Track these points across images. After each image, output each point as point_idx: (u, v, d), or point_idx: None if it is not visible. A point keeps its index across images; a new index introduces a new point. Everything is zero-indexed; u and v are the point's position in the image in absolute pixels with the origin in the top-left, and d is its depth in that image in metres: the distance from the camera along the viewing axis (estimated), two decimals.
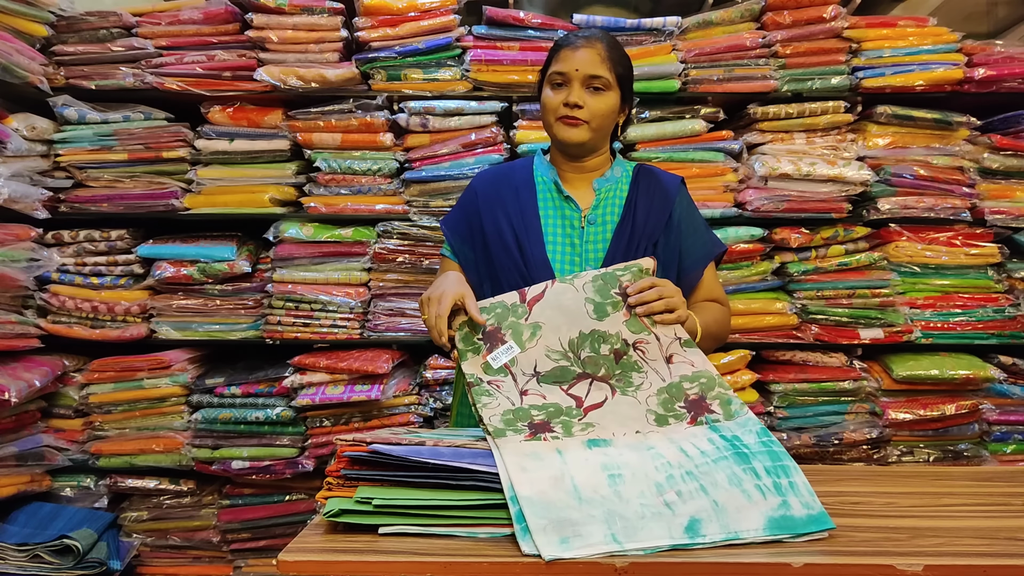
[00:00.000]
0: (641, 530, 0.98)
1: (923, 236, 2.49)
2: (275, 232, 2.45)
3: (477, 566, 0.92)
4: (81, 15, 2.41)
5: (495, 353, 1.28)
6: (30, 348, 2.35)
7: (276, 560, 0.93)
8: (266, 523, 2.50)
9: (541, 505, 1.01)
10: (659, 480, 1.07)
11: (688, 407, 1.22)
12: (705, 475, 1.07)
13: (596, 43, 1.47)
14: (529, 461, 1.10)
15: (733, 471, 1.07)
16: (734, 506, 1.01)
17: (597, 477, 1.07)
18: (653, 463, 1.10)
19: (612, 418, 1.23)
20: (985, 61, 2.48)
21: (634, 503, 1.03)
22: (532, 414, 1.22)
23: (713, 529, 0.98)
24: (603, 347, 1.28)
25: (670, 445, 1.14)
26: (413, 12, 2.45)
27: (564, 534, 0.97)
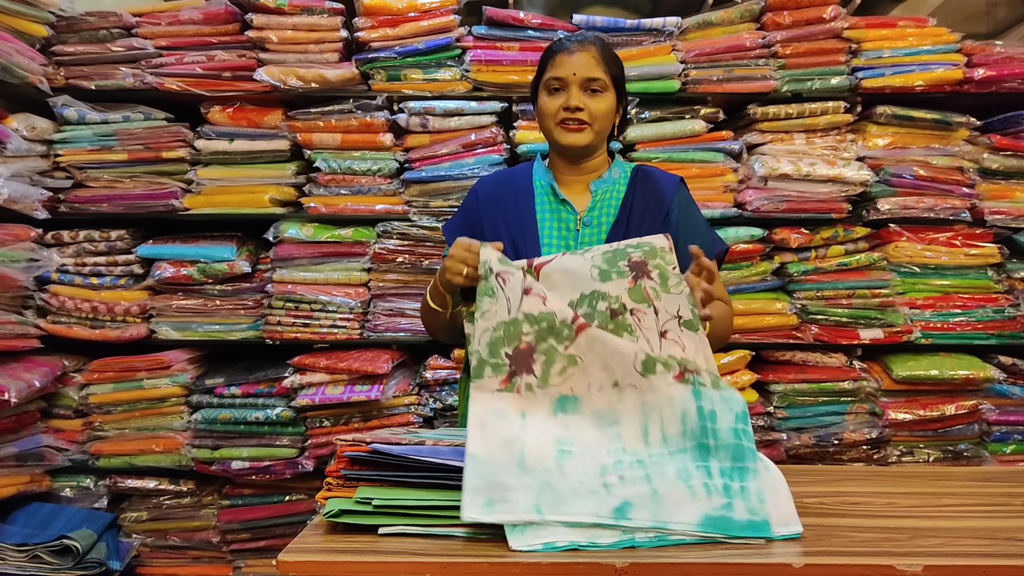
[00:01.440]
0: (569, 504, 1.00)
1: (923, 236, 2.49)
2: (275, 232, 2.45)
3: (477, 566, 0.92)
4: (81, 15, 2.41)
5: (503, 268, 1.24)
6: (30, 348, 2.35)
7: (276, 560, 0.93)
8: (266, 523, 2.50)
9: (484, 465, 1.04)
10: (606, 463, 1.08)
11: (679, 361, 1.18)
12: (655, 466, 1.07)
13: (589, 46, 1.48)
14: (491, 418, 1.12)
15: (686, 466, 1.06)
16: (673, 499, 1.01)
17: (547, 449, 1.09)
18: (608, 446, 1.10)
19: (599, 352, 1.17)
20: (985, 61, 2.48)
21: (573, 479, 1.05)
22: (522, 331, 1.18)
23: (642, 515, 0.99)
24: (601, 304, 1.23)
25: (636, 420, 1.13)
26: (413, 12, 2.46)
27: (493, 497, 1.00)
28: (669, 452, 1.08)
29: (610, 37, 2.47)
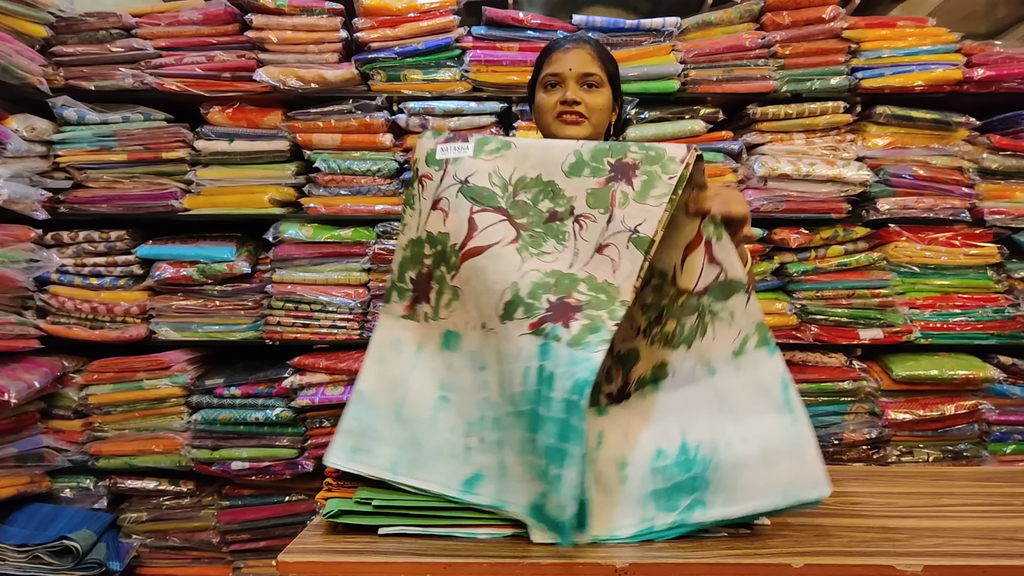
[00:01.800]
0: (426, 467, 1.02)
1: (922, 236, 2.50)
2: (275, 233, 2.45)
3: (477, 566, 0.92)
4: (80, 16, 2.41)
5: (448, 144, 1.16)
6: (29, 349, 2.35)
7: (276, 561, 0.93)
8: (266, 524, 2.50)
9: (366, 407, 1.06)
10: (472, 419, 1.07)
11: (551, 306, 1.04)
12: (506, 429, 1.05)
13: (584, 44, 1.51)
14: (389, 351, 1.12)
15: (524, 435, 1.00)
16: (513, 476, 1.02)
17: (429, 396, 1.09)
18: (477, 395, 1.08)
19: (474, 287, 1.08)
20: (984, 61, 2.48)
21: (440, 436, 1.06)
22: (424, 253, 1.12)
23: (488, 491, 1.01)
24: (543, 203, 1.11)
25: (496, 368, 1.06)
26: (412, 13, 2.46)
27: (359, 445, 1.03)
28: (517, 412, 1.02)
29: (610, 37, 2.47)
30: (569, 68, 1.47)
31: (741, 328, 1.07)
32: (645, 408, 1.10)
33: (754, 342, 1.06)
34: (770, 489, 0.99)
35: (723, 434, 1.03)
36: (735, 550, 0.94)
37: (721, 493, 1.00)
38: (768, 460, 1.00)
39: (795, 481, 0.98)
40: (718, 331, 1.08)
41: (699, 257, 1.10)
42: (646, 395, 1.12)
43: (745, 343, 1.07)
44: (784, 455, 1.00)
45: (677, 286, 1.12)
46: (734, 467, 1.01)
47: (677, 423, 1.07)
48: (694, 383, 1.08)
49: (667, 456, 1.05)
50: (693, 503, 1.00)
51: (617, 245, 1.07)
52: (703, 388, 1.08)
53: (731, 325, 1.08)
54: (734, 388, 1.06)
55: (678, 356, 1.11)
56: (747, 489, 0.99)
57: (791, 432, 1.01)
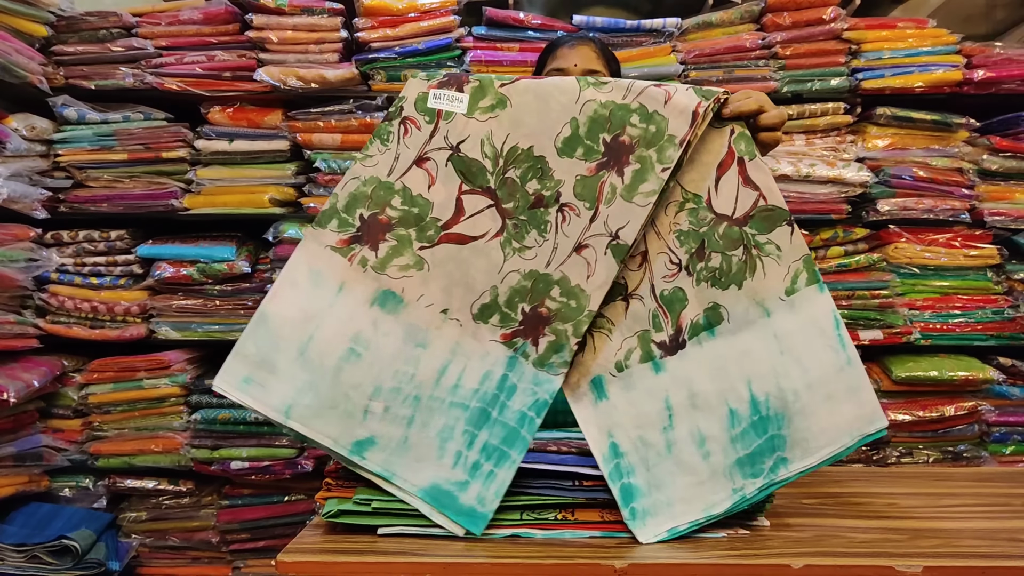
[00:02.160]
0: (319, 419, 0.99)
1: (922, 237, 2.50)
2: (275, 232, 2.45)
3: (477, 566, 0.92)
4: (81, 15, 2.41)
5: (441, 91, 1.13)
6: (29, 348, 2.35)
7: (275, 561, 0.93)
8: (265, 524, 2.50)
9: (268, 334, 1.01)
10: (383, 385, 1.03)
11: (525, 319, 1.07)
12: (426, 411, 1.02)
13: (589, 42, 1.53)
14: (305, 279, 1.05)
15: (455, 425, 1.01)
16: (416, 454, 0.99)
17: (338, 343, 1.03)
18: (399, 366, 1.04)
19: (449, 272, 1.08)
20: (984, 63, 2.48)
21: (340, 390, 1.01)
22: (390, 202, 1.08)
23: (377, 458, 0.98)
24: (532, 183, 1.09)
25: (441, 355, 1.05)
26: (413, 13, 2.46)
27: (253, 375, 0.99)
28: (451, 402, 1.03)
29: (610, 38, 2.47)
30: (574, 64, 1.48)
31: (790, 264, 1.06)
32: (705, 359, 1.07)
33: (804, 279, 1.05)
34: (838, 433, 1.01)
35: (789, 381, 1.03)
36: (735, 551, 0.94)
37: (797, 447, 1.01)
38: (832, 404, 1.02)
39: (857, 420, 1.01)
40: (768, 268, 1.07)
41: (733, 178, 1.08)
42: (703, 343, 1.08)
43: (796, 280, 1.05)
44: (845, 396, 1.02)
45: (714, 210, 1.09)
46: (805, 417, 1.01)
47: (741, 373, 1.05)
48: (750, 326, 1.06)
49: (741, 419, 1.03)
50: (776, 463, 1.01)
51: (595, 248, 1.08)
52: (761, 331, 1.05)
53: (780, 261, 1.06)
54: (792, 330, 1.04)
55: (730, 297, 1.07)
56: (819, 437, 1.01)
57: (847, 372, 1.02)
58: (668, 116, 1.07)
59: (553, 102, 1.10)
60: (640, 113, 1.08)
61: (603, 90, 1.10)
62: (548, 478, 1.04)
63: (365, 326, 1.05)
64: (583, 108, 1.10)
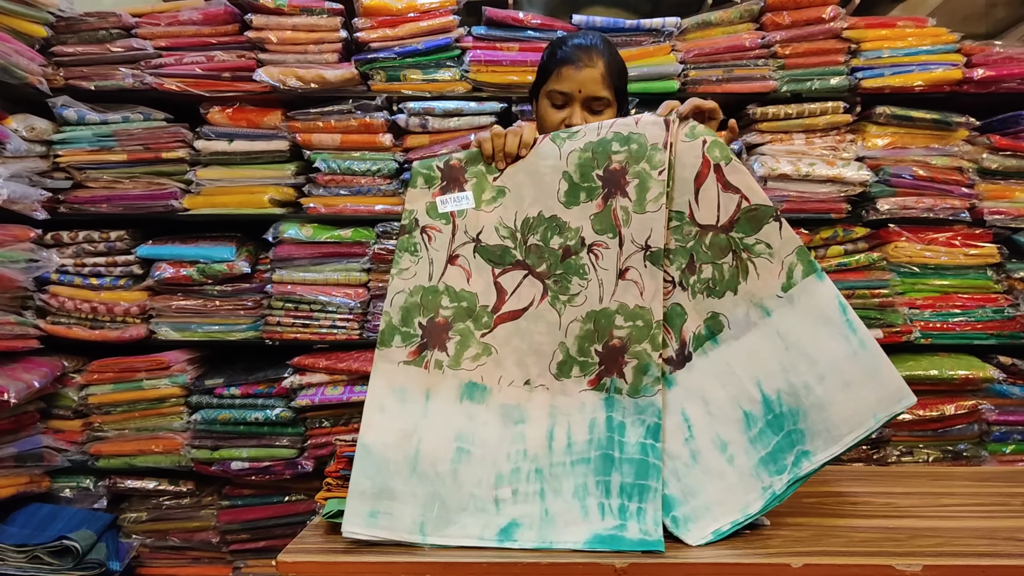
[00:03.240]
0: (454, 524, 0.99)
1: (922, 236, 2.49)
2: (274, 233, 2.45)
3: (476, 566, 0.92)
4: (80, 16, 2.41)
5: (447, 196, 1.17)
6: (29, 349, 2.35)
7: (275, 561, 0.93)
8: (265, 524, 2.50)
9: (376, 462, 1.01)
10: (503, 471, 1.04)
11: (602, 358, 1.11)
12: (552, 479, 1.03)
13: (597, 60, 1.44)
14: (392, 400, 1.07)
15: (585, 481, 1.02)
16: (564, 520, 0.99)
17: (445, 448, 1.04)
18: (509, 448, 1.06)
19: (516, 347, 1.12)
20: (984, 62, 2.48)
21: (465, 490, 1.02)
22: (440, 304, 1.12)
23: (528, 536, 0.97)
24: (555, 239, 1.14)
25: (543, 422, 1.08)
26: (412, 13, 2.45)
27: (377, 507, 0.98)
28: (572, 461, 1.05)
29: (610, 37, 2.45)
30: (579, 90, 1.42)
31: (783, 259, 1.07)
32: (712, 368, 1.09)
33: (800, 271, 1.06)
34: (862, 416, 1.01)
35: (798, 376, 1.03)
36: (735, 550, 0.94)
37: (819, 437, 1.01)
38: (851, 390, 1.01)
39: (882, 399, 1.01)
40: (760, 268, 1.08)
41: (712, 186, 1.10)
42: (708, 353, 1.10)
43: (792, 274, 1.06)
44: (864, 381, 1.02)
45: (697, 223, 1.11)
46: (820, 408, 1.01)
47: (750, 374, 1.06)
48: (752, 328, 1.07)
49: (756, 420, 1.04)
50: (798, 457, 1.01)
51: (636, 267, 1.12)
52: (763, 332, 1.07)
53: (772, 259, 1.07)
54: (794, 325, 1.05)
55: (727, 304, 1.10)
56: (841, 424, 1.01)
57: (862, 356, 1.02)
58: (643, 131, 1.14)
59: (542, 168, 1.17)
60: (618, 139, 1.14)
61: (577, 138, 1.17)
62: None
63: (462, 422, 1.07)
64: (568, 160, 1.16)
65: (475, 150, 1.21)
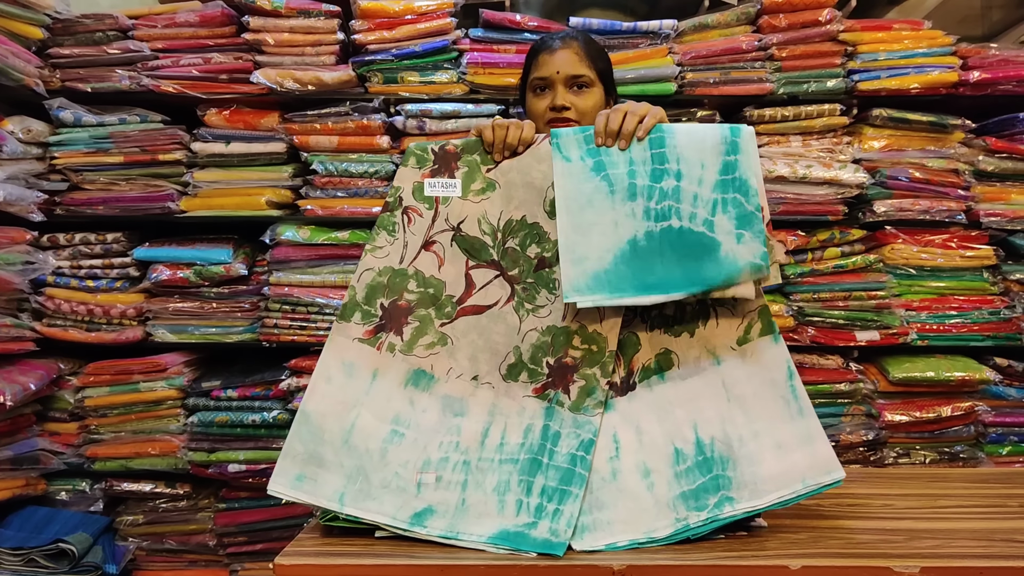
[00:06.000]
0: (373, 500, 1.01)
1: (919, 238, 2.50)
2: (271, 235, 2.44)
3: (473, 568, 0.92)
4: (77, 18, 2.41)
5: (435, 180, 1.17)
6: (25, 351, 2.35)
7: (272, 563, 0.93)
8: (263, 527, 2.49)
9: (312, 430, 1.05)
10: (431, 458, 1.06)
11: (552, 371, 1.12)
12: (477, 472, 1.05)
13: (572, 42, 1.47)
14: (339, 373, 1.09)
15: (509, 479, 1.04)
16: (477, 512, 1.01)
17: (379, 428, 1.07)
18: (442, 437, 1.07)
19: (472, 341, 1.13)
20: (980, 64, 2.49)
21: (390, 469, 1.04)
22: (406, 288, 1.14)
23: (438, 525, 1.00)
24: (532, 248, 1.15)
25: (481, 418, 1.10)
26: (409, 15, 2.46)
27: (304, 472, 1.03)
28: (500, 459, 1.06)
29: (607, 40, 2.47)
30: (556, 71, 1.44)
31: (745, 313, 1.08)
32: (653, 402, 1.10)
33: (758, 329, 1.08)
34: (789, 479, 1.01)
35: (734, 427, 1.05)
36: (733, 552, 0.95)
37: (745, 488, 1.01)
38: (782, 452, 1.03)
39: (810, 469, 1.01)
40: (721, 316, 1.09)
41: None
42: (652, 387, 1.12)
43: (749, 330, 1.08)
44: (795, 446, 1.03)
45: None
46: (751, 462, 1.02)
47: (688, 417, 1.08)
48: (700, 373, 1.09)
49: (686, 458, 1.05)
50: (721, 500, 1.01)
51: None
52: (710, 378, 1.08)
53: (734, 311, 1.09)
54: (740, 378, 1.07)
55: (682, 344, 1.11)
56: (768, 481, 1.01)
57: (799, 424, 1.04)
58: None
59: (535, 172, 1.17)
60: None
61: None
62: None
63: (401, 406, 1.09)
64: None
65: (473, 139, 1.21)
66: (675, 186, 1.09)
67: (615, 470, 1.06)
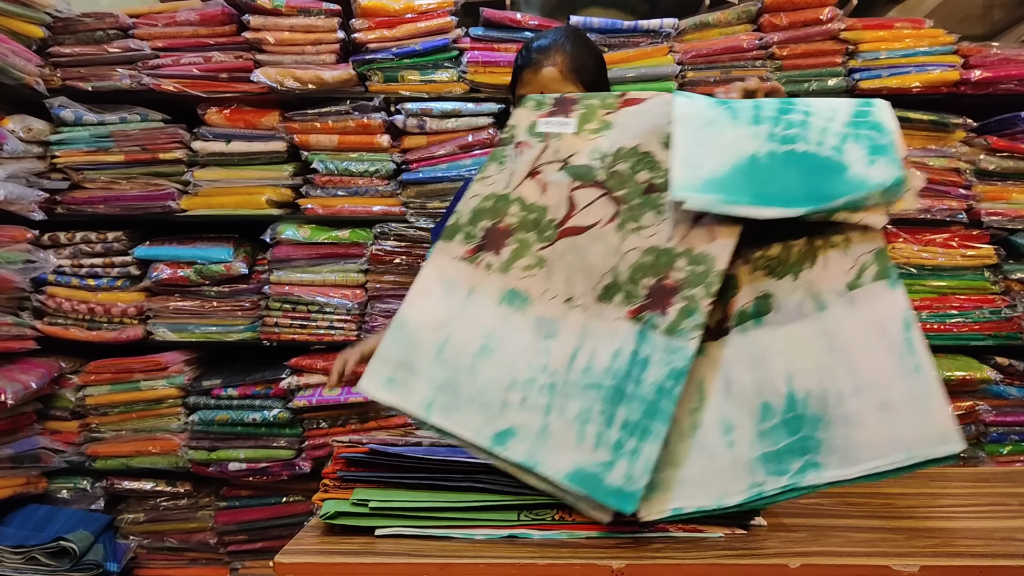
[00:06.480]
0: (459, 412, 1.00)
1: (920, 237, 2.50)
2: (272, 234, 2.45)
3: (474, 567, 0.92)
4: (77, 16, 2.41)
5: (550, 119, 1.18)
6: (26, 350, 2.35)
7: (273, 562, 0.93)
8: (263, 525, 2.50)
9: (407, 338, 1.05)
10: (518, 377, 1.03)
11: (650, 292, 1.04)
12: (560, 397, 1.01)
13: (556, 57, 1.43)
14: (438, 289, 1.10)
15: (591, 407, 0.99)
16: (557, 440, 0.97)
17: (471, 342, 1.06)
18: (532, 359, 1.05)
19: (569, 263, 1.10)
20: (981, 63, 2.49)
21: (478, 384, 1.03)
22: (508, 211, 1.14)
23: (519, 448, 0.97)
24: (642, 173, 1.10)
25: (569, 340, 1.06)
26: (410, 14, 2.46)
27: (395, 376, 1.02)
28: (585, 384, 1.01)
29: (607, 38, 2.47)
30: (540, 92, 1.42)
31: (858, 256, 0.98)
32: (747, 348, 1.01)
33: (872, 272, 0.97)
34: (891, 447, 0.89)
35: (833, 383, 0.95)
36: (732, 550, 0.94)
37: (835, 453, 0.91)
38: (887, 414, 0.91)
39: (920, 436, 0.89)
40: (831, 259, 0.99)
41: None
42: (747, 331, 1.02)
43: (862, 274, 0.97)
44: (904, 408, 0.90)
45: None
46: (847, 423, 0.92)
47: (783, 367, 0.98)
48: (801, 319, 0.99)
49: (774, 413, 0.97)
50: (805, 465, 0.93)
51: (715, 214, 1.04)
52: (811, 325, 0.98)
53: (846, 252, 0.99)
54: (847, 327, 0.96)
55: (784, 287, 1.02)
56: (865, 448, 0.90)
57: (912, 382, 0.91)
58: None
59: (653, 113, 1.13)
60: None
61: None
62: None
63: (494, 323, 1.08)
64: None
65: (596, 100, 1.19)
66: (803, 120, 1.04)
67: (695, 424, 0.99)
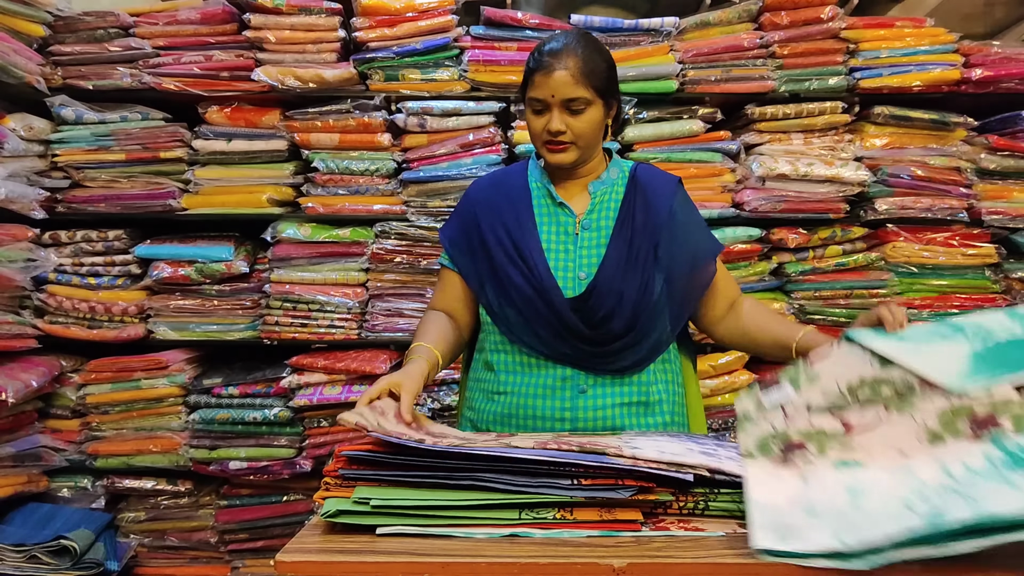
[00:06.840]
0: (871, 530, 0.93)
1: (920, 236, 2.50)
2: (273, 232, 2.44)
3: (475, 566, 0.92)
4: (78, 15, 2.41)
5: (768, 392, 1.20)
6: (27, 348, 2.35)
7: (273, 561, 0.93)
8: (264, 524, 2.50)
9: (769, 509, 0.99)
10: (905, 495, 0.99)
11: (973, 424, 1.08)
12: (965, 487, 0.97)
13: (568, 60, 1.41)
14: (770, 479, 1.07)
15: (1003, 475, 0.97)
16: (989, 490, 0.93)
17: (837, 496, 1.02)
18: (905, 483, 1.02)
19: (879, 439, 1.12)
20: (982, 62, 2.48)
21: (870, 512, 0.97)
22: (791, 436, 1.15)
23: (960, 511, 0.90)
24: (885, 388, 1.16)
25: (932, 464, 1.04)
26: (411, 12, 2.45)
27: (783, 534, 0.95)
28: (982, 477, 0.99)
29: (608, 37, 2.47)
30: (551, 95, 1.42)
31: None
32: None
33: None
34: None
35: None
36: (732, 550, 0.94)
37: None
38: None
39: None
40: None
41: None
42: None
43: None
44: None
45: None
46: None
47: None
48: None
49: None
50: None
51: None
52: None
53: None
54: None
55: None
56: None
57: None
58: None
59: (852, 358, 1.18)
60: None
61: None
62: (547, 476, 1.04)
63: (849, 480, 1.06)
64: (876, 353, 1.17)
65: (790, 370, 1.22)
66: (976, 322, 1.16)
67: None
